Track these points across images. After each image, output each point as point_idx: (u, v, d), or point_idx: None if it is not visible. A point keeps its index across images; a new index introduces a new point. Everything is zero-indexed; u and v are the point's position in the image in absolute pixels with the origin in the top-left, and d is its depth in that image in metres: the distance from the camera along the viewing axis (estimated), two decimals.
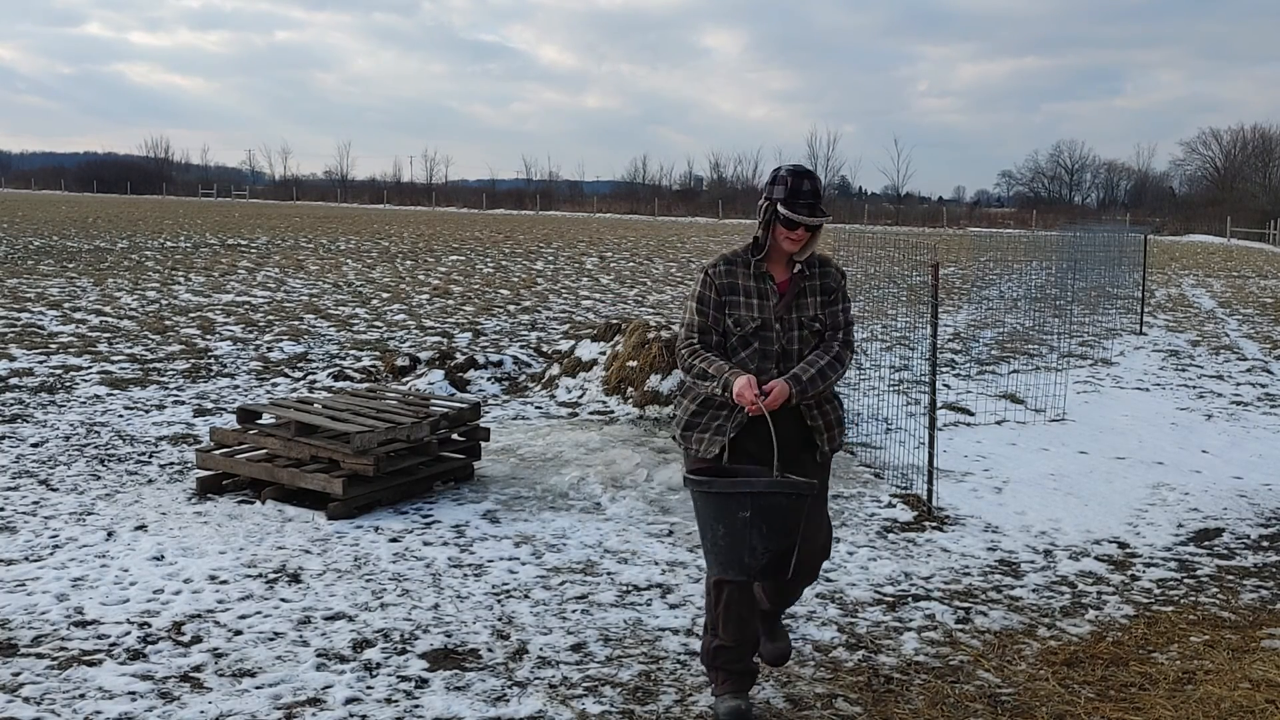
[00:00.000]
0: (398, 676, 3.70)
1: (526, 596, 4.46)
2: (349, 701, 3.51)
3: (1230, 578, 4.98)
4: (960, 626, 4.28)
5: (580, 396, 8.53)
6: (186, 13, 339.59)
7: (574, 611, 4.32)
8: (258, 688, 3.57)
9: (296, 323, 12.95)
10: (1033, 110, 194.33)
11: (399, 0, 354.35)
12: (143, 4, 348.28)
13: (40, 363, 9.60)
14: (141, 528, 5.18)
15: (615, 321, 9.55)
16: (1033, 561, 5.12)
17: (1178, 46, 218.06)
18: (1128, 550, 5.33)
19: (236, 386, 8.94)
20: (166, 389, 8.68)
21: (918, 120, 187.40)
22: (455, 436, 6.17)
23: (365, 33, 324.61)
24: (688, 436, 3.47)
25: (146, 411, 7.82)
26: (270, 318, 13.29)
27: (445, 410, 6.08)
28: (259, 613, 4.20)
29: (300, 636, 3.99)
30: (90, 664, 3.72)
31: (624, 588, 4.60)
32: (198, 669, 3.70)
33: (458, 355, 9.70)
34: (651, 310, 15.59)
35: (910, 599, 4.57)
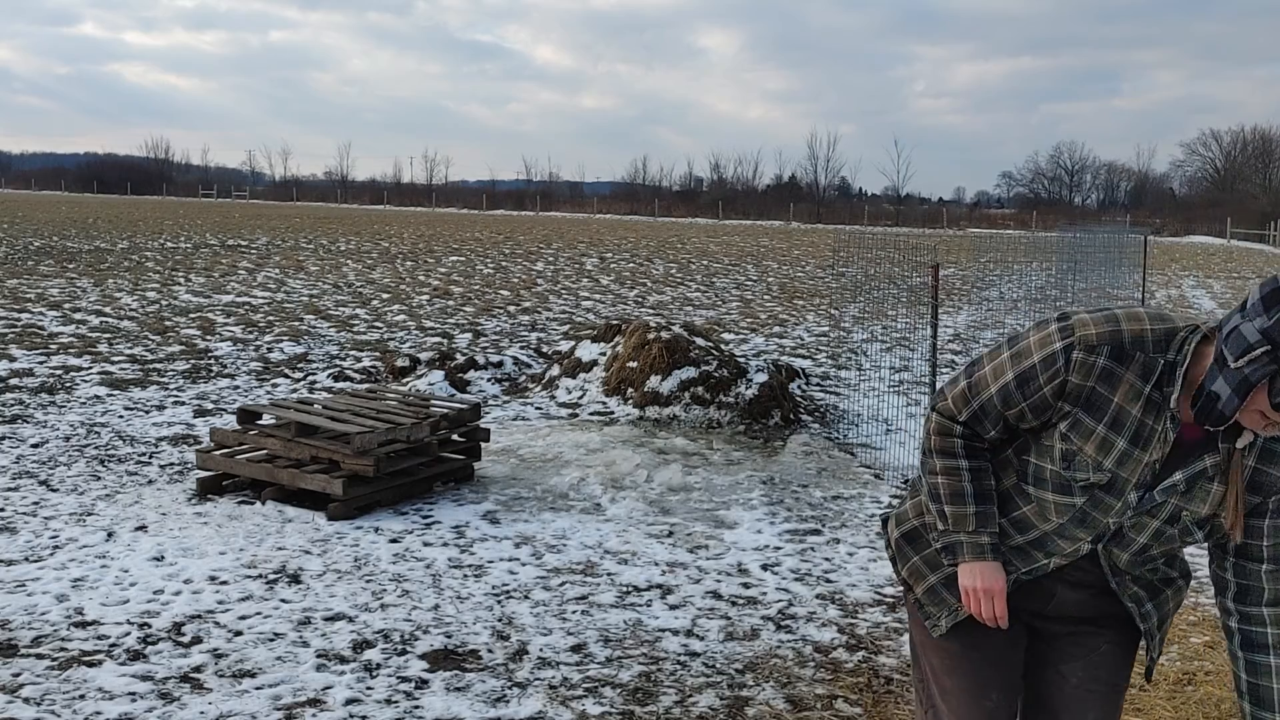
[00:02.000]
0: (398, 677, 3.70)
1: (526, 597, 4.46)
2: (349, 702, 3.50)
3: None
4: None
5: (580, 397, 8.53)
6: (180, 12, 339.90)
7: (574, 612, 4.32)
8: (258, 688, 3.57)
9: (296, 323, 12.95)
10: (1030, 110, 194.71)
11: (393, 0, 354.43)
12: (136, 4, 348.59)
13: (40, 363, 9.60)
14: (141, 528, 5.18)
15: (615, 322, 9.55)
16: None
17: (1175, 47, 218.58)
18: None
19: (236, 387, 8.94)
20: (167, 389, 8.68)
21: (915, 120, 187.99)
22: (455, 437, 6.16)
23: (360, 33, 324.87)
24: (905, 552, 2.20)
25: (146, 412, 7.82)
26: (270, 318, 13.29)
27: (445, 411, 6.08)
28: (259, 613, 4.20)
29: (300, 637, 3.99)
30: (90, 664, 3.72)
31: (624, 588, 4.60)
32: (198, 669, 3.70)
33: (458, 356, 9.70)
34: (651, 311, 15.59)
35: None
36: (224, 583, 4.51)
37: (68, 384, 8.74)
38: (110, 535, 5.06)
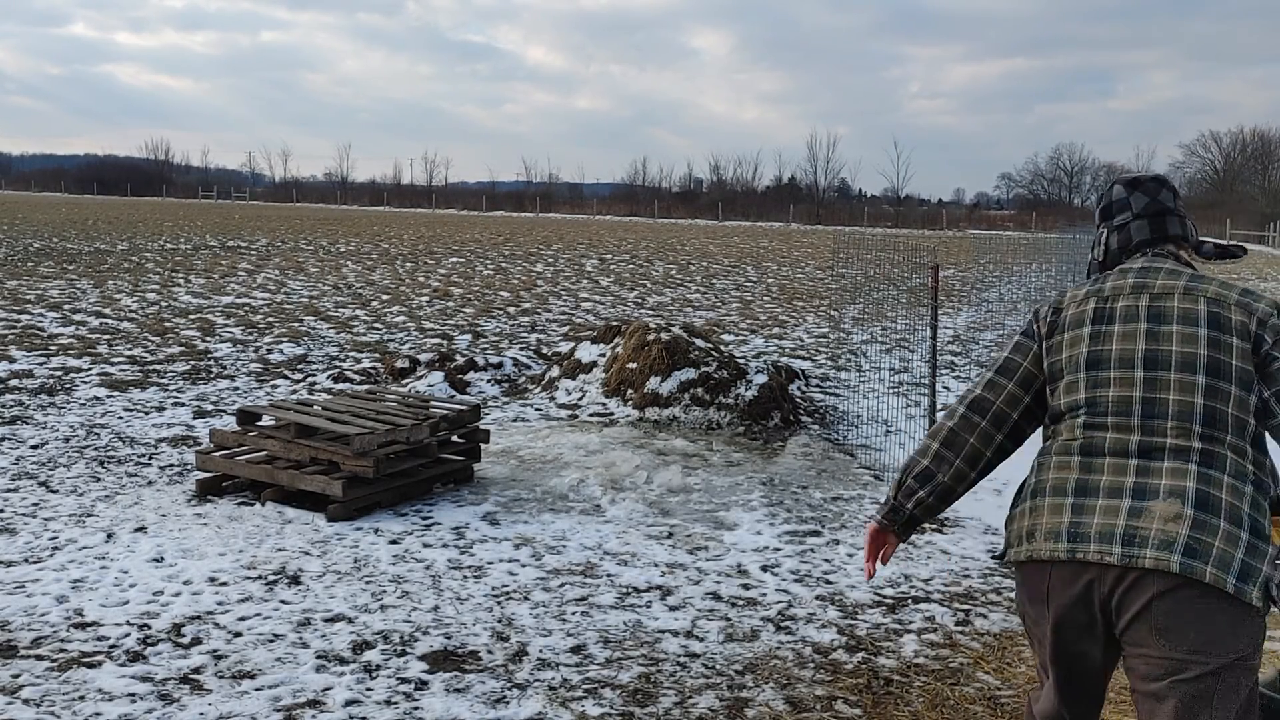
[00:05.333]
0: (397, 678, 3.70)
1: (526, 598, 4.46)
2: (349, 703, 3.51)
3: None
4: (960, 628, 4.29)
5: (580, 398, 8.53)
6: (170, 13, 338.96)
7: (574, 613, 4.32)
8: (257, 689, 3.57)
9: (296, 325, 12.95)
10: (1025, 111, 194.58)
11: (383, 1, 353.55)
12: (125, 4, 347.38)
13: (40, 364, 9.60)
14: (141, 529, 5.18)
15: (615, 323, 9.55)
16: None
17: (1168, 47, 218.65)
18: None
19: (236, 388, 8.94)
20: (166, 391, 8.68)
21: (911, 121, 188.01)
22: (455, 438, 6.17)
23: (351, 33, 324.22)
24: None
25: (146, 413, 7.82)
26: (270, 320, 13.29)
27: (445, 412, 6.08)
28: (259, 614, 4.20)
29: (300, 638, 3.99)
30: (90, 666, 3.72)
31: (624, 590, 4.60)
32: (197, 670, 3.70)
33: (457, 357, 9.70)
34: (651, 312, 15.59)
35: (910, 601, 4.57)
36: (224, 584, 4.51)
37: (67, 385, 8.74)
38: (110, 536, 5.06)
